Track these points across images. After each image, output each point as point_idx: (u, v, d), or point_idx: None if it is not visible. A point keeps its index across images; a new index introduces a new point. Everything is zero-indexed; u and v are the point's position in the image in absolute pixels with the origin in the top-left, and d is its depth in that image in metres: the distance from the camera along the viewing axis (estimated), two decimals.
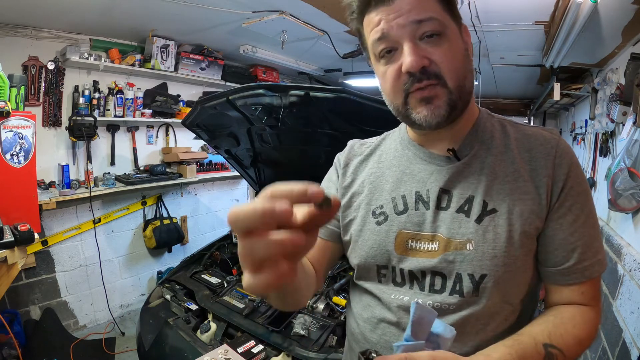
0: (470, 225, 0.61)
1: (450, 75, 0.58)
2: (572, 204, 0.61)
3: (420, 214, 0.65)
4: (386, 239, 0.67)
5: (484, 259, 0.60)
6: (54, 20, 2.42)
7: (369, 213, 0.70)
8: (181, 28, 2.83)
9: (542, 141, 0.64)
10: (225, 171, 3.73)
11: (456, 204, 0.63)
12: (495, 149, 0.65)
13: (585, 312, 0.61)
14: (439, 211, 0.64)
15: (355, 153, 0.79)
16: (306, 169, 2.14)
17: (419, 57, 0.56)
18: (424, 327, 0.49)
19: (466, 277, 0.61)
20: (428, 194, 0.65)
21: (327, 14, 2.43)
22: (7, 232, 1.69)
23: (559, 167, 0.61)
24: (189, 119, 1.99)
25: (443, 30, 0.58)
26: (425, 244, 0.64)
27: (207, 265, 2.04)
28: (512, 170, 0.62)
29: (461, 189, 0.64)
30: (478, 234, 0.61)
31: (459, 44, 0.61)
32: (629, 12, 1.63)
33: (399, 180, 0.69)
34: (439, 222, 0.64)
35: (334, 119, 1.57)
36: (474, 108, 0.69)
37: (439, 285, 0.63)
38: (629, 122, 1.77)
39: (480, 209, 0.62)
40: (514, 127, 0.68)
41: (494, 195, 0.62)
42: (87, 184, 2.71)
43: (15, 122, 2.08)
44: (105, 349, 2.61)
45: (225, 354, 1.21)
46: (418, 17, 0.56)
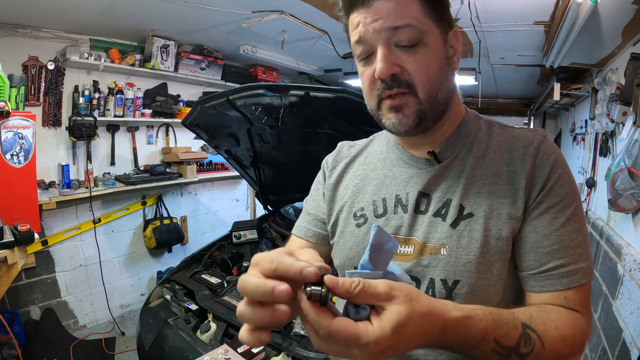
0: (445, 230, 0.60)
1: (422, 85, 0.57)
2: (551, 206, 0.58)
3: (399, 217, 0.65)
4: (364, 240, 0.66)
5: (457, 265, 0.58)
6: (54, 20, 2.42)
7: (350, 215, 0.70)
8: (181, 28, 2.83)
9: (525, 142, 0.62)
10: (225, 171, 3.73)
11: (434, 207, 0.62)
12: (476, 151, 0.63)
13: (572, 315, 0.55)
14: (417, 215, 0.63)
15: (343, 155, 0.79)
16: (306, 169, 2.14)
17: (389, 64, 0.56)
18: (383, 256, 0.43)
19: (439, 282, 0.59)
20: (407, 197, 0.65)
21: (327, 14, 2.43)
22: (7, 232, 1.69)
23: (539, 168, 0.59)
24: (189, 119, 1.99)
25: (421, 38, 0.56)
26: (401, 248, 0.63)
27: (207, 265, 2.04)
28: (492, 172, 0.61)
29: (440, 192, 0.63)
30: (452, 239, 0.59)
31: (438, 53, 0.58)
32: (629, 12, 1.63)
33: (382, 183, 0.69)
34: (417, 226, 0.63)
35: (334, 119, 1.57)
36: (459, 110, 0.67)
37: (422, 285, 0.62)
38: (629, 122, 1.77)
39: (456, 213, 0.60)
40: (501, 129, 0.66)
41: (471, 199, 0.60)
42: (87, 184, 2.71)
43: (15, 122, 2.08)
44: (105, 349, 2.61)
45: (225, 354, 1.21)
46: (394, 24, 0.54)
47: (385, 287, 0.39)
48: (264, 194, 2.47)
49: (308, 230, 0.79)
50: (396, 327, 0.38)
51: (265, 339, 0.39)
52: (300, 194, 2.44)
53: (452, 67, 0.61)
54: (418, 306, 0.40)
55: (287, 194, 2.45)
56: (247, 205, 4.38)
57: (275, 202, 2.51)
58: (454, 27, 0.62)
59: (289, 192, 2.44)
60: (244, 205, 4.34)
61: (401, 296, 0.39)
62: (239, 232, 2.25)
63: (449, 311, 0.44)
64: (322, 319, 0.37)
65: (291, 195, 2.46)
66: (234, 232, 2.25)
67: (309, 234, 0.78)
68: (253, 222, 2.34)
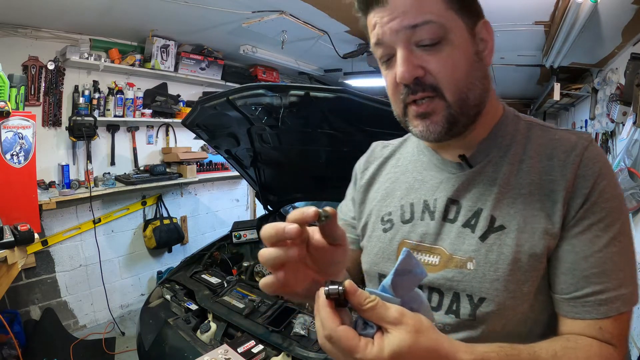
0: (474, 242, 0.55)
1: (449, 87, 0.52)
2: (593, 223, 0.51)
3: (425, 224, 0.61)
4: (389, 247, 0.64)
5: (484, 281, 0.53)
6: (54, 20, 2.42)
7: (378, 219, 0.68)
8: (181, 28, 2.83)
9: (567, 147, 0.54)
10: (225, 171, 3.73)
11: (464, 217, 0.58)
12: (512, 156, 0.57)
13: (604, 350, 0.49)
14: (445, 223, 0.59)
15: (375, 156, 0.76)
16: (306, 169, 2.14)
17: (411, 67, 0.51)
18: (407, 281, 0.42)
19: (464, 297, 0.55)
20: (435, 204, 0.61)
21: (327, 14, 2.43)
22: (7, 232, 1.69)
23: (582, 179, 0.52)
24: (189, 119, 1.99)
25: (444, 34, 0.50)
26: (426, 257, 0.60)
27: (207, 265, 2.04)
28: (528, 181, 0.55)
29: (471, 200, 0.58)
30: (480, 253, 0.54)
31: (465, 49, 0.52)
32: (629, 12, 1.63)
33: (411, 187, 0.66)
34: (443, 235, 0.59)
35: (334, 119, 1.57)
36: (495, 109, 0.61)
37: (436, 302, 0.58)
38: (629, 122, 1.77)
39: (487, 225, 0.55)
40: (541, 130, 0.59)
41: (504, 210, 0.55)
42: (87, 184, 2.71)
43: (15, 122, 2.08)
44: (105, 349, 2.61)
45: (225, 354, 1.22)
46: (413, 22, 0.50)
47: (396, 312, 0.38)
48: (264, 194, 2.46)
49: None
50: (394, 353, 0.37)
51: (281, 276, 0.44)
52: (300, 194, 2.44)
53: (484, 63, 0.55)
54: (423, 339, 0.38)
55: (287, 194, 2.45)
56: (247, 205, 4.38)
57: (275, 202, 2.51)
58: (483, 17, 0.56)
59: (289, 192, 2.44)
60: (244, 205, 4.34)
61: (409, 325, 0.38)
62: (239, 232, 2.25)
63: (456, 352, 0.41)
64: (330, 319, 0.38)
65: (291, 195, 2.45)
66: (234, 232, 2.25)
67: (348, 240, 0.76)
68: (253, 222, 2.34)
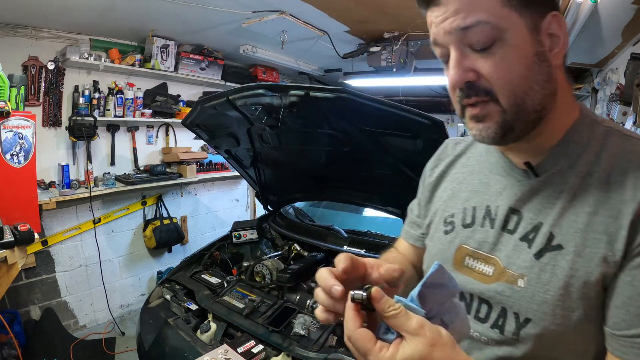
0: (528, 259, 0.52)
1: (504, 92, 0.49)
2: None
3: (484, 231, 0.59)
4: (448, 250, 0.63)
5: (532, 302, 0.51)
6: (54, 20, 2.42)
7: (441, 220, 0.67)
8: (181, 28, 2.82)
9: None
10: (225, 171, 3.73)
11: (523, 229, 0.54)
12: (582, 167, 0.51)
13: None
14: (504, 233, 0.56)
15: (447, 154, 0.74)
16: (306, 169, 2.14)
17: (462, 70, 0.49)
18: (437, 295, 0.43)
19: (511, 315, 0.53)
20: (497, 211, 0.58)
21: (327, 14, 2.43)
22: (7, 232, 1.69)
23: None
24: (189, 119, 1.99)
25: (498, 35, 0.47)
26: (481, 265, 0.58)
27: (207, 265, 2.04)
28: (595, 198, 0.49)
29: (532, 212, 0.54)
30: (533, 271, 0.51)
31: (524, 50, 0.48)
32: (629, 12, 1.63)
33: (476, 189, 0.63)
34: (501, 245, 0.56)
35: (334, 119, 1.57)
36: (569, 112, 0.55)
37: (484, 314, 0.56)
38: (629, 122, 1.77)
39: (544, 242, 0.51)
40: (621, 139, 0.51)
41: (564, 228, 0.50)
42: (87, 184, 2.71)
43: (15, 122, 2.08)
44: (105, 349, 2.61)
45: (225, 354, 1.22)
46: (463, 24, 0.47)
47: (416, 323, 0.39)
48: (264, 194, 2.46)
49: (407, 233, 0.79)
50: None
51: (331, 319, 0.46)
52: (300, 194, 2.44)
53: (548, 64, 0.49)
54: (438, 353, 0.38)
55: (287, 194, 2.45)
56: (247, 205, 4.38)
57: (275, 202, 2.51)
58: (554, 9, 0.49)
59: (289, 192, 2.44)
60: (244, 205, 4.34)
61: (427, 337, 0.38)
62: (239, 232, 2.25)
63: None
64: (351, 321, 0.41)
65: (291, 195, 2.45)
66: (234, 232, 2.25)
67: (408, 236, 0.79)
68: (253, 222, 2.34)
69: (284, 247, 2.13)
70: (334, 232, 2.03)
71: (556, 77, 0.51)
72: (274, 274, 1.77)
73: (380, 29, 2.70)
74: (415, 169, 1.58)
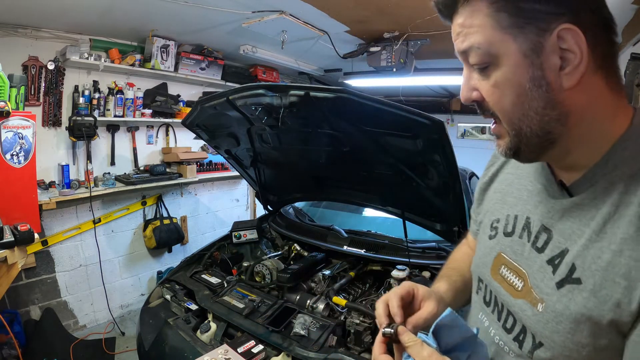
0: (550, 285, 0.50)
1: (501, 116, 0.48)
2: None
3: (522, 243, 0.56)
4: (489, 255, 0.63)
5: (546, 328, 0.49)
6: (54, 20, 2.42)
7: (489, 223, 0.66)
8: (181, 28, 2.82)
9: None
10: (225, 171, 3.73)
11: (550, 252, 0.51)
12: (620, 195, 0.45)
13: None
14: (533, 250, 0.54)
15: None
16: (306, 169, 2.14)
17: (466, 89, 0.50)
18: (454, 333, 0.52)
19: (529, 334, 0.53)
20: (533, 225, 0.56)
21: (327, 14, 2.43)
22: (7, 232, 1.69)
23: None
24: (189, 119, 1.99)
25: (491, 60, 0.46)
26: (513, 277, 0.56)
27: (207, 265, 2.04)
28: (625, 235, 0.43)
29: (562, 234, 0.50)
30: (551, 299, 0.49)
31: (516, 75, 0.45)
32: (629, 12, 1.63)
33: (520, 197, 0.60)
34: (531, 262, 0.54)
35: (334, 119, 1.57)
36: (610, 126, 0.47)
37: (510, 325, 0.56)
38: None
39: (566, 272, 0.48)
40: None
41: (587, 261, 0.46)
42: (87, 184, 2.71)
43: (15, 122, 2.08)
44: (105, 349, 2.61)
45: (225, 354, 1.22)
46: (461, 47, 0.47)
47: (427, 352, 0.49)
48: (264, 194, 2.46)
49: (472, 229, 0.82)
50: None
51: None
52: (300, 194, 2.44)
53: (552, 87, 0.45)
54: None
55: (287, 194, 2.45)
56: (247, 205, 4.38)
57: (275, 202, 2.51)
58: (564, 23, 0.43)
59: (289, 192, 2.44)
60: (244, 205, 4.34)
61: None
62: (239, 232, 2.25)
63: None
64: (377, 348, 0.56)
65: (291, 195, 2.45)
66: (234, 232, 2.25)
67: (471, 230, 0.82)
68: (253, 222, 2.34)
69: (284, 247, 2.13)
70: (334, 232, 2.03)
71: (564, 100, 0.45)
72: (274, 274, 1.77)
73: (380, 29, 2.70)
74: (415, 169, 1.58)
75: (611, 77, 0.47)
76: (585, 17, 0.43)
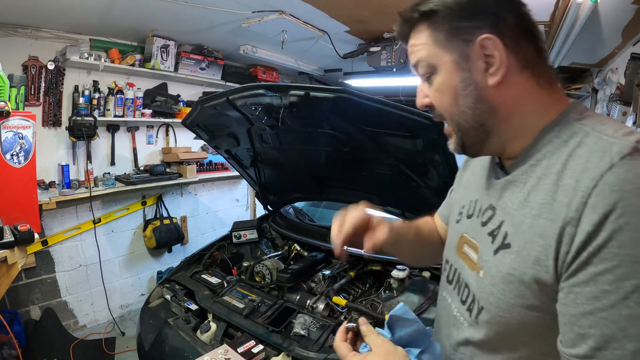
0: (490, 253, 0.57)
1: (445, 115, 0.59)
2: (600, 272, 0.42)
3: (478, 221, 0.63)
4: (455, 237, 0.70)
5: (484, 292, 0.56)
6: (54, 20, 2.42)
7: (457, 210, 0.73)
8: (181, 28, 2.82)
9: (588, 162, 0.46)
10: (225, 171, 3.73)
11: (492, 225, 0.58)
12: (545, 168, 0.52)
13: None
14: (481, 225, 0.61)
15: None
16: (306, 169, 2.14)
17: (420, 96, 0.61)
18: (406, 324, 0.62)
19: (476, 301, 0.59)
20: (483, 205, 0.63)
21: (327, 14, 2.43)
22: (7, 232, 1.69)
23: (591, 210, 0.43)
24: (189, 119, 1.99)
25: (433, 70, 0.57)
26: (472, 252, 0.62)
27: (207, 265, 2.03)
28: (542, 201, 0.50)
29: (501, 209, 0.57)
30: (488, 265, 0.56)
31: (450, 80, 0.55)
32: (629, 12, 1.63)
33: (480, 184, 0.68)
34: (481, 236, 0.61)
35: (334, 119, 1.57)
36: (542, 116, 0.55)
37: (465, 296, 0.62)
38: (629, 122, 1.77)
39: (501, 240, 0.55)
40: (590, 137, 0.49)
41: (516, 228, 0.53)
42: (87, 184, 2.71)
43: (15, 122, 2.08)
44: (105, 349, 2.61)
45: (225, 354, 1.22)
46: (413, 62, 0.60)
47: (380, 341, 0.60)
48: (264, 194, 2.46)
49: (440, 212, 0.88)
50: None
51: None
52: (300, 194, 2.44)
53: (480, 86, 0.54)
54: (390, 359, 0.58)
55: (287, 194, 2.45)
56: (247, 205, 4.38)
57: (275, 202, 2.51)
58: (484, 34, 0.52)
59: (289, 192, 2.44)
60: (244, 205, 4.34)
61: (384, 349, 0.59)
62: (239, 232, 2.25)
63: None
64: (339, 337, 0.66)
65: (291, 195, 2.45)
66: (234, 232, 2.25)
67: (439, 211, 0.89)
68: (253, 222, 2.34)
69: (284, 247, 2.13)
70: None
71: (491, 95, 0.54)
72: (274, 274, 1.77)
73: (380, 29, 2.70)
74: (415, 169, 1.58)
75: (541, 76, 0.55)
76: (505, 28, 0.52)
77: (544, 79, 0.55)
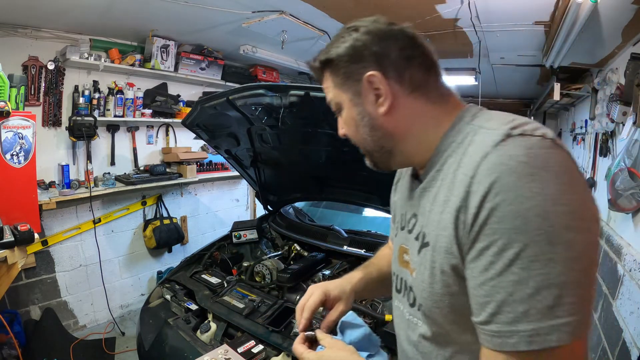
0: (416, 254, 0.62)
1: (355, 142, 0.68)
2: (485, 247, 0.47)
3: (407, 230, 0.68)
4: (396, 249, 0.73)
5: (418, 289, 0.61)
6: (54, 20, 2.42)
7: (394, 225, 0.77)
8: (181, 28, 2.83)
9: (473, 157, 0.51)
10: (225, 171, 3.73)
11: (416, 231, 0.64)
12: (446, 169, 0.57)
13: None
14: (408, 233, 0.67)
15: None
16: (306, 169, 2.14)
17: (340, 129, 0.70)
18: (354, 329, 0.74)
19: (417, 300, 0.63)
20: (408, 215, 0.68)
21: (327, 14, 2.43)
22: (7, 232, 1.69)
23: (474, 194, 0.48)
24: (189, 119, 1.99)
25: (340, 107, 0.66)
26: (408, 258, 0.67)
27: (207, 265, 2.04)
28: (444, 198, 0.55)
29: (421, 215, 0.63)
30: (417, 264, 0.62)
31: (350, 113, 0.65)
32: (629, 12, 1.63)
33: (405, 195, 0.73)
34: (410, 243, 0.66)
35: (334, 119, 1.57)
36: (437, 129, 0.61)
37: (412, 299, 0.66)
38: (629, 122, 1.77)
39: (422, 240, 0.61)
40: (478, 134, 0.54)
41: (430, 226, 0.58)
42: (87, 184, 2.71)
43: (15, 122, 2.09)
44: (105, 349, 2.61)
45: (225, 354, 1.22)
46: (327, 101, 0.69)
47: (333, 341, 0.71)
48: (264, 194, 2.47)
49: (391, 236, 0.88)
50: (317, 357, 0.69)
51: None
52: (300, 194, 2.44)
53: (372, 117, 0.62)
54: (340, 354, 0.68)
55: (287, 194, 2.45)
56: (247, 205, 4.39)
57: (275, 202, 2.51)
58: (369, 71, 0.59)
59: (289, 192, 2.44)
60: (244, 205, 4.34)
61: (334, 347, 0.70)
62: (239, 232, 2.25)
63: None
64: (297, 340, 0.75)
65: (291, 195, 2.46)
66: (234, 232, 2.25)
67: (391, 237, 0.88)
68: (253, 222, 2.34)
69: (284, 247, 2.13)
70: (334, 232, 2.03)
71: (384, 122, 0.61)
72: (274, 274, 1.77)
73: None
74: None
75: (431, 93, 0.61)
76: (387, 62, 0.59)
77: (434, 95, 0.62)
